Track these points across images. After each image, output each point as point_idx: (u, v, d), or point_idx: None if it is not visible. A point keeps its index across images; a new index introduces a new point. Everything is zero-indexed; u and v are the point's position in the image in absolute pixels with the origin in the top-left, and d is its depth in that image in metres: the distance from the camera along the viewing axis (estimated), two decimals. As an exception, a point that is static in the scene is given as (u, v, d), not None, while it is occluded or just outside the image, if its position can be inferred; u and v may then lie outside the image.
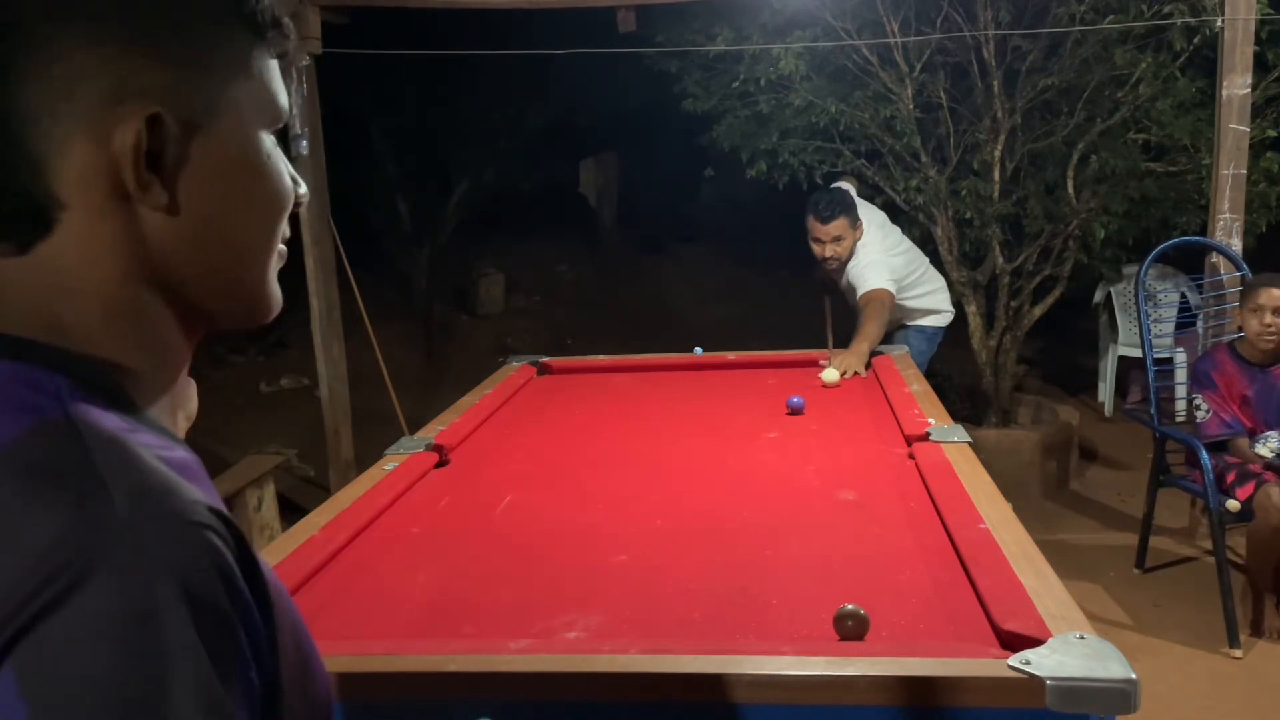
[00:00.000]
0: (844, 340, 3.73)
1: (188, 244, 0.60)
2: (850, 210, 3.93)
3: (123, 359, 0.60)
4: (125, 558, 0.50)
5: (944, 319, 4.17)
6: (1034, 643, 1.27)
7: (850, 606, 1.40)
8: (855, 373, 3.41)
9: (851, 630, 1.38)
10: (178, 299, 0.62)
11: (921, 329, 4.10)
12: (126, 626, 0.49)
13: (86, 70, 0.55)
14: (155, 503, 0.52)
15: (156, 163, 0.57)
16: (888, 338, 4.00)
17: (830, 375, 3.15)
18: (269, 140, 0.64)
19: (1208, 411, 3.47)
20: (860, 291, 3.78)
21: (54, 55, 0.55)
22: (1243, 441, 3.40)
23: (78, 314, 0.58)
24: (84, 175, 0.56)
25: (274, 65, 0.64)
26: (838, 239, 3.85)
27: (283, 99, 0.65)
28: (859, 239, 3.90)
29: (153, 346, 0.62)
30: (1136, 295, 4.00)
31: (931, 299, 4.13)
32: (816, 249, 3.90)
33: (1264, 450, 3.32)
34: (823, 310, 4.23)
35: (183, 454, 0.59)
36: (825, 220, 3.86)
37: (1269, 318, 3.38)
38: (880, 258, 3.89)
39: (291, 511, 4.24)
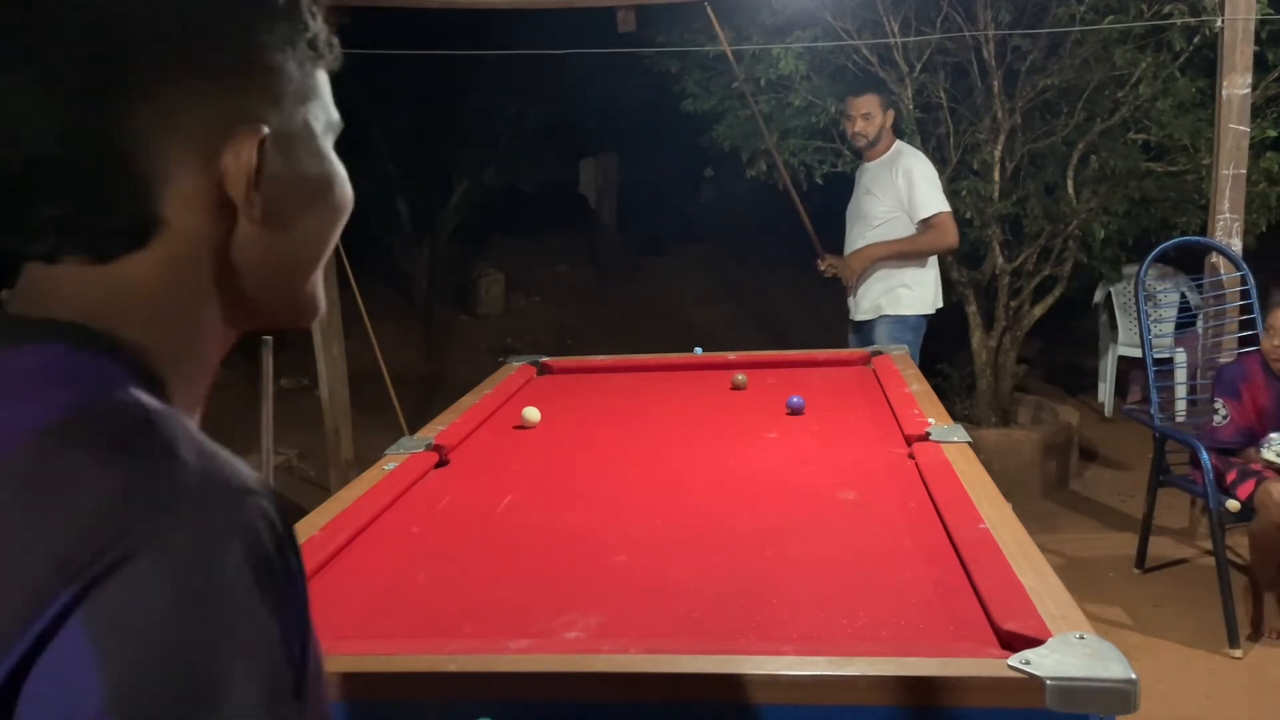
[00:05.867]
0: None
1: (266, 253, 0.64)
2: (883, 91, 4.15)
3: (171, 372, 0.62)
4: (196, 516, 0.52)
5: (928, 304, 4.06)
6: (1034, 643, 1.27)
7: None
8: (844, 272, 3.78)
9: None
10: (236, 308, 0.66)
11: (903, 319, 4.00)
12: (197, 583, 0.51)
13: (195, 98, 0.59)
14: (219, 468, 0.55)
15: (257, 180, 0.62)
16: (870, 331, 4.01)
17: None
18: (333, 150, 0.70)
19: (1225, 417, 3.45)
20: (921, 214, 3.92)
21: (165, 84, 0.58)
22: (1253, 450, 3.39)
23: (140, 321, 0.61)
24: (190, 194, 0.60)
25: (327, 80, 0.71)
26: (867, 115, 4.00)
27: (335, 111, 0.71)
28: (888, 124, 4.04)
29: (198, 361, 0.65)
30: (1136, 295, 4.00)
31: (925, 277, 4.09)
32: (847, 125, 4.12)
33: (1269, 454, 3.31)
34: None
35: None
36: (856, 94, 4.08)
37: (1278, 340, 3.36)
38: (937, 182, 4.02)
39: (292, 511, 4.24)
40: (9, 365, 0.58)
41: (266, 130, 0.62)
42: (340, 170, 0.70)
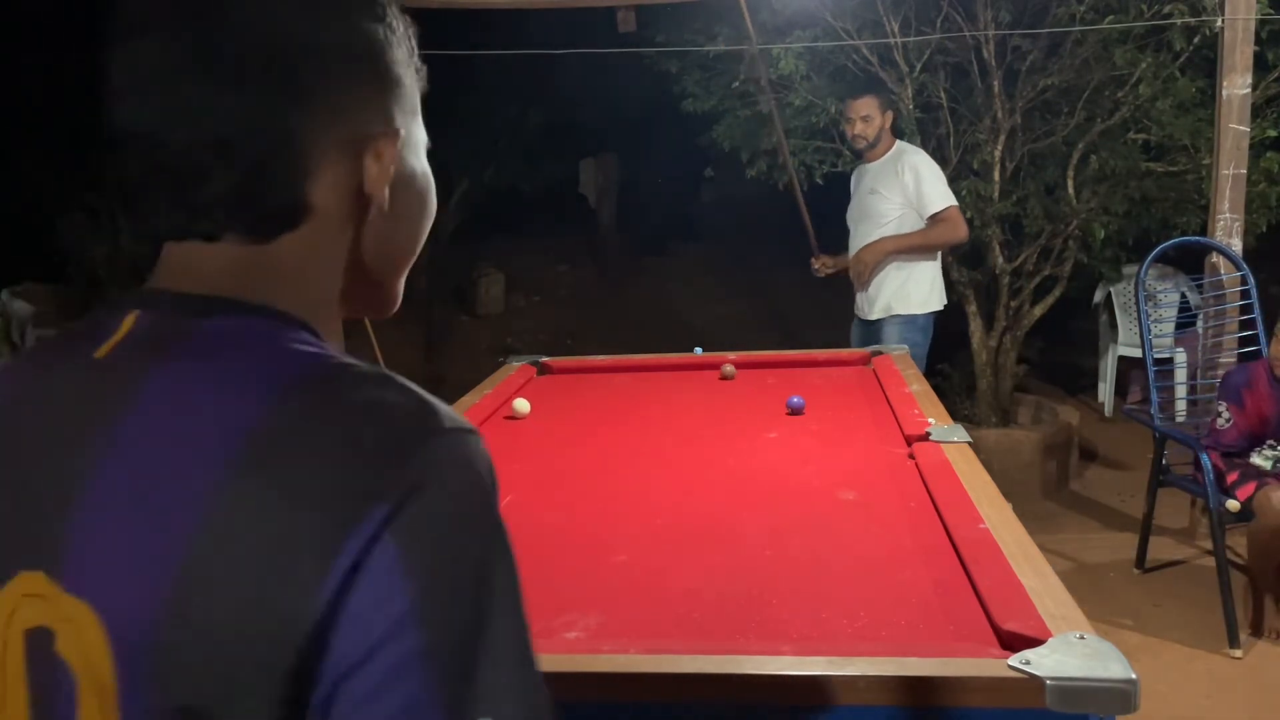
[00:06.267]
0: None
1: (385, 242, 0.73)
2: (882, 93, 4.16)
3: (325, 335, 0.70)
4: (461, 446, 0.61)
5: (934, 301, 4.09)
6: (1034, 643, 1.27)
7: None
8: (857, 268, 3.85)
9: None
10: (353, 292, 0.73)
11: (913, 319, 4.03)
12: (474, 506, 0.60)
13: (349, 101, 0.69)
14: (449, 408, 0.63)
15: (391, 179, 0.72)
16: (879, 330, 4.02)
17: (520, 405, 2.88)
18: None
19: (1228, 420, 3.46)
20: (931, 209, 3.94)
21: (327, 88, 0.68)
22: (1257, 462, 3.39)
23: (287, 297, 0.68)
24: (337, 185, 0.69)
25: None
26: (866, 117, 4.02)
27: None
28: (888, 125, 4.06)
29: (335, 329, 0.73)
30: (1136, 295, 4.00)
31: (933, 274, 4.10)
32: (847, 127, 4.13)
33: (1259, 460, 3.31)
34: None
35: None
36: (855, 96, 4.09)
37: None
38: (943, 177, 4.05)
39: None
40: (214, 333, 0.64)
41: (403, 133, 0.72)
42: (431, 176, 0.79)
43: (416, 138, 0.76)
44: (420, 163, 0.76)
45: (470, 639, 0.56)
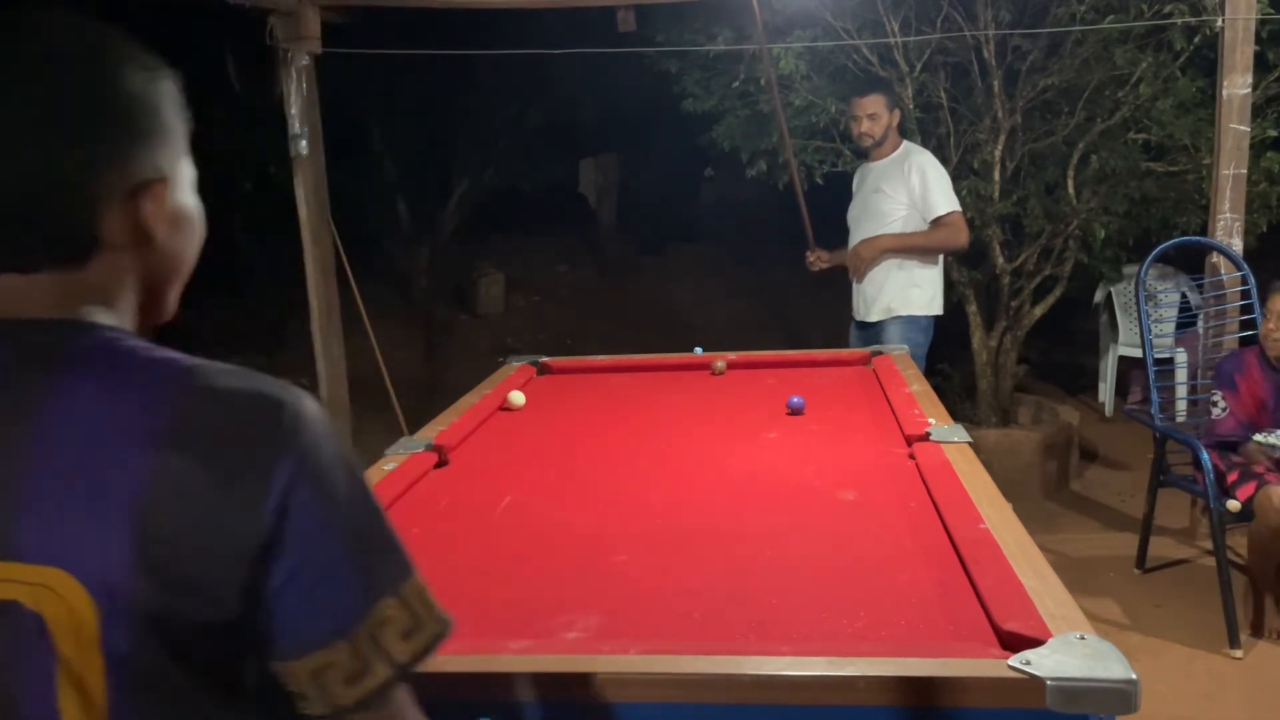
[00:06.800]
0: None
1: (161, 265, 0.89)
2: (888, 91, 4.12)
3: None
4: (317, 410, 0.83)
5: (936, 305, 4.08)
6: (1034, 643, 1.27)
7: None
8: (854, 264, 3.90)
9: None
10: (144, 306, 0.89)
11: (915, 319, 4.02)
12: (340, 447, 0.83)
13: (134, 155, 0.84)
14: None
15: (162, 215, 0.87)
16: (880, 332, 4.01)
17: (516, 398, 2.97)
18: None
19: (1224, 410, 3.45)
20: (934, 213, 3.94)
21: (120, 146, 0.83)
22: (1254, 445, 3.38)
23: (116, 310, 0.85)
24: (124, 222, 0.84)
25: None
26: (873, 115, 3.99)
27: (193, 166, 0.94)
28: (894, 123, 4.05)
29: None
30: (1137, 295, 4.00)
31: (935, 278, 4.10)
32: (852, 126, 4.10)
33: (1272, 438, 3.30)
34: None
35: None
36: (861, 94, 4.06)
37: (1273, 323, 3.37)
38: (948, 180, 4.03)
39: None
40: (84, 348, 0.80)
41: (171, 177, 0.87)
42: (200, 207, 0.94)
43: (185, 176, 0.91)
44: (188, 197, 0.91)
45: (365, 530, 0.83)
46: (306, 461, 0.79)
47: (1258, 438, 3.34)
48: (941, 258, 4.10)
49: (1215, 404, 3.49)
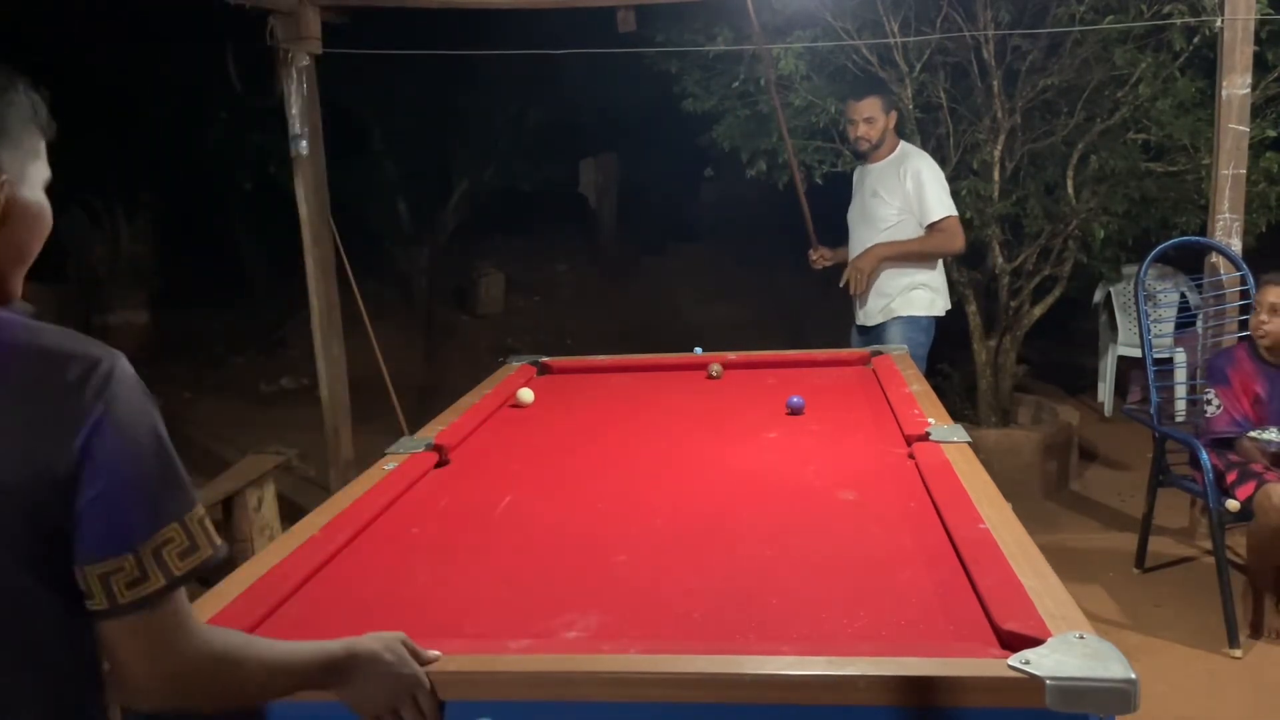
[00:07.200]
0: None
1: (8, 248, 1.05)
2: (885, 93, 4.11)
3: None
4: (127, 365, 1.02)
5: (938, 306, 4.07)
6: (1034, 643, 1.27)
7: None
8: (854, 276, 3.87)
9: None
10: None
11: (915, 320, 4.01)
12: (145, 395, 1.02)
13: None
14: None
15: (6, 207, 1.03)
16: (881, 333, 4.01)
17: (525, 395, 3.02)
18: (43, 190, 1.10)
19: (1218, 407, 3.46)
20: (930, 218, 3.92)
21: None
22: (1249, 441, 3.38)
23: None
24: None
25: (43, 143, 1.09)
26: (869, 119, 3.99)
27: (47, 165, 1.10)
28: (891, 125, 4.04)
29: None
30: (1136, 295, 4.00)
31: (937, 279, 4.09)
32: (849, 129, 4.09)
33: (1268, 435, 3.29)
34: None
35: None
36: (857, 97, 4.05)
37: (1264, 315, 3.38)
38: (944, 184, 4.02)
39: (291, 511, 4.24)
40: None
41: (10, 177, 1.02)
42: (46, 202, 1.09)
43: (31, 176, 1.06)
44: (34, 194, 1.06)
45: (157, 469, 1.00)
46: (111, 411, 0.97)
47: (1252, 434, 3.34)
48: (941, 260, 4.10)
49: (1209, 402, 3.49)
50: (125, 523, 0.97)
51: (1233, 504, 3.26)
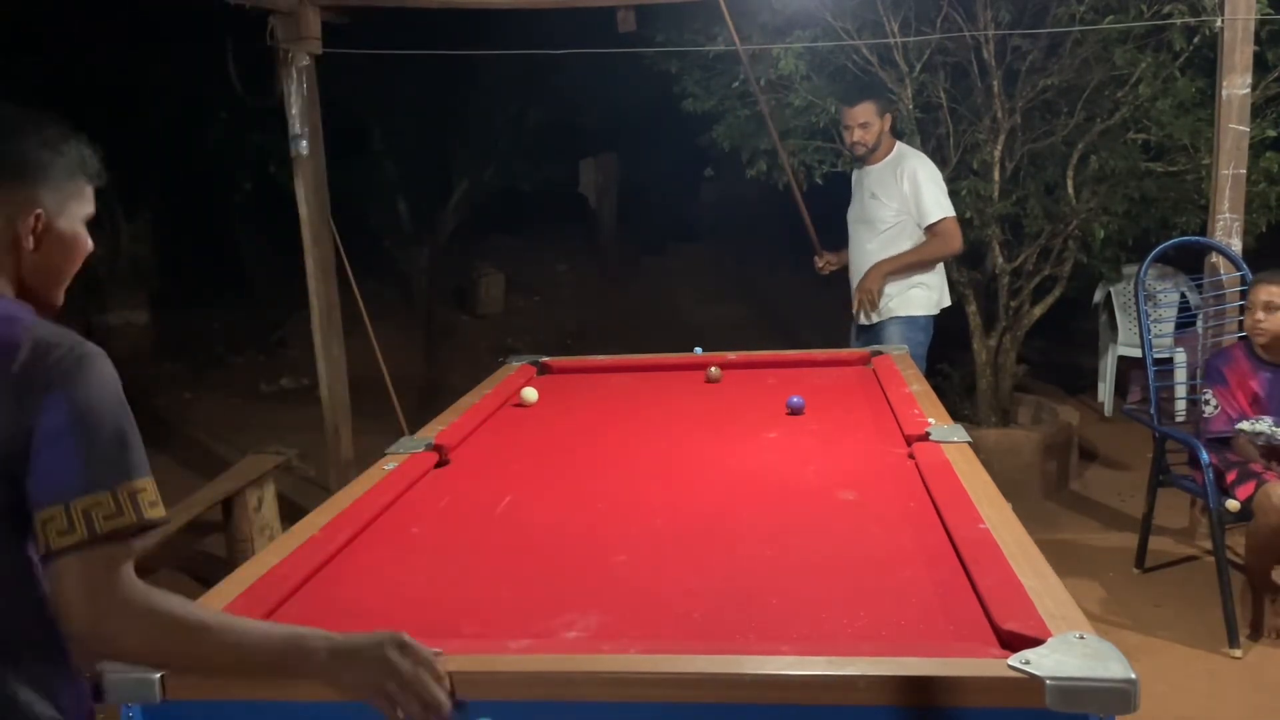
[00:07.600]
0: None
1: (35, 271, 1.26)
2: (879, 97, 4.11)
3: None
4: (98, 355, 1.19)
5: (935, 305, 4.08)
6: (1034, 643, 1.27)
7: None
8: (866, 300, 3.86)
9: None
10: (27, 294, 1.26)
11: (914, 319, 4.01)
12: (112, 382, 1.18)
13: (15, 192, 1.23)
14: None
15: (37, 235, 1.25)
16: (880, 332, 4.01)
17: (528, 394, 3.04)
18: (84, 225, 1.32)
19: (1216, 407, 3.46)
20: (927, 220, 3.93)
21: (3, 190, 1.23)
22: (1240, 434, 3.38)
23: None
24: (4, 234, 1.23)
25: (90, 186, 1.32)
26: (865, 124, 3.99)
27: (92, 204, 1.33)
28: (887, 128, 4.04)
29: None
30: (1136, 295, 4.00)
31: (936, 278, 4.09)
32: (845, 134, 4.10)
33: (1259, 426, 3.29)
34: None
35: None
36: (851, 103, 4.06)
37: (1259, 313, 3.38)
38: (941, 185, 4.02)
39: (291, 511, 4.24)
40: None
41: (45, 213, 1.24)
42: (84, 234, 1.31)
43: (72, 211, 1.28)
44: (71, 226, 1.28)
45: (104, 446, 1.15)
46: (73, 391, 1.14)
47: (1242, 425, 3.34)
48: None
49: (1207, 402, 3.50)
50: (62, 479, 1.12)
51: (1233, 504, 3.26)
